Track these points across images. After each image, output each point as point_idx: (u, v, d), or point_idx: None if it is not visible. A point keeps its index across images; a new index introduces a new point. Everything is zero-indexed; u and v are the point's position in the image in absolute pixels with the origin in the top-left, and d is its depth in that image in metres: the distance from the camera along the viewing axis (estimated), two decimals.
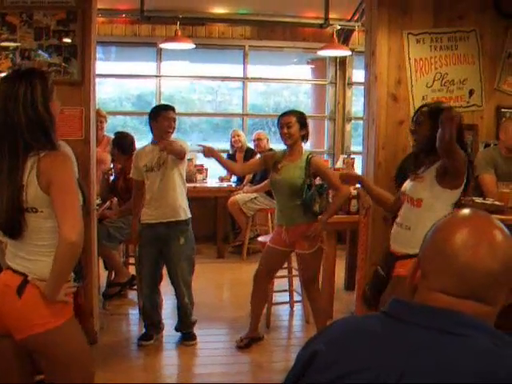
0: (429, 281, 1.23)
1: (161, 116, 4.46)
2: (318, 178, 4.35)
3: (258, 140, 7.47)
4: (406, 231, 3.27)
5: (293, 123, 4.22)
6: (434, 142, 3.09)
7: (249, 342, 4.54)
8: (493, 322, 1.22)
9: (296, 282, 5.21)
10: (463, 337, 1.13)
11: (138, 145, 5.33)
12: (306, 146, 4.55)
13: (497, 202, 3.89)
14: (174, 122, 4.52)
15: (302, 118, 4.30)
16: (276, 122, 4.41)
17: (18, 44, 4.17)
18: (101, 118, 6.01)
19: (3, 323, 2.24)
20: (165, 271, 4.60)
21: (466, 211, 1.29)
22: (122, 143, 5.47)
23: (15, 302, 2.21)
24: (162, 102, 7.34)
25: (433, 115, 3.19)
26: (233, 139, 7.83)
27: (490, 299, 1.20)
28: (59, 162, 2.24)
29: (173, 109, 4.56)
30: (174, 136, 4.61)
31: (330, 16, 7.50)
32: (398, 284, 3.10)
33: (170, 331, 4.72)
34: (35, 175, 2.16)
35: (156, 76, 8.32)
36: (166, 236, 4.45)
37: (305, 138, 4.35)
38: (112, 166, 5.86)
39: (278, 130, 4.35)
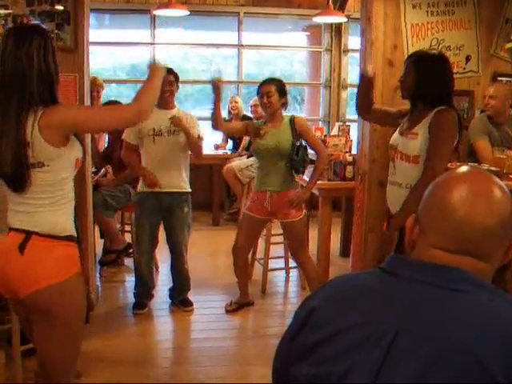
0: (427, 237, 1.23)
1: None
2: None
3: (255, 106, 7.38)
4: (408, 191, 3.25)
5: (272, 92, 4.19)
6: (418, 91, 3.25)
7: (238, 307, 4.64)
8: (490, 280, 1.23)
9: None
10: (462, 292, 1.14)
11: None
12: (302, 114, 4.53)
13: (492, 168, 3.89)
14: (171, 85, 4.37)
15: (281, 87, 4.26)
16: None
17: (10, 11, 4.10)
18: (97, 86, 5.87)
19: (10, 286, 2.24)
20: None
21: (464, 168, 1.28)
22: None
23: (18, 259, 2.20)
24: None
25: (417, 64, 3.28)
26: (230, 105, 7.78)
27: (487, 256, 1.20)
28: (64, 108, 2.25)
29: (170, 71, 4.33)
30: (180, 109, 4.54)
31: None
32: None
33: (164, 297, 4.78)
34: (38, 130, 2.14)
35: (150, 44, 8.24)
36: (169, 205, 4.44)
37: (284, 105, 4.31)
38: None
39: (258, 99, 4.32)
